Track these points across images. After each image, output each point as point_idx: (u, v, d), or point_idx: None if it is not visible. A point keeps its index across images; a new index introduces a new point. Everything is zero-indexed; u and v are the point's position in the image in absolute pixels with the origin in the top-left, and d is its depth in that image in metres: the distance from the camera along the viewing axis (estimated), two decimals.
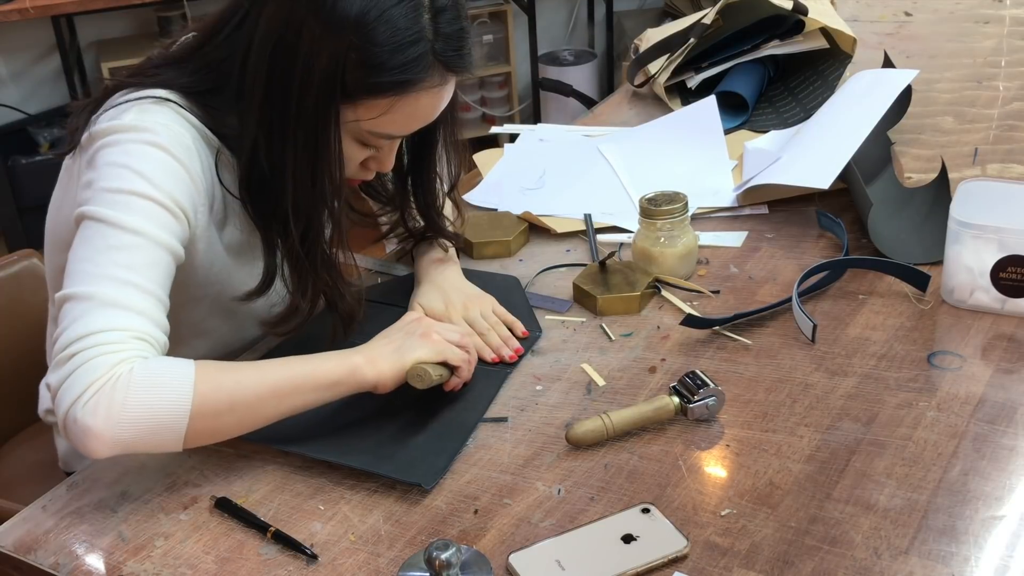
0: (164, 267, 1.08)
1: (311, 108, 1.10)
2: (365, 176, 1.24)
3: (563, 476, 1.07)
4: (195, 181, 1.13)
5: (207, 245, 1.19)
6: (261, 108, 1.12)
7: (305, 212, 1.15)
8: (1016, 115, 1.83)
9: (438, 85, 1.13)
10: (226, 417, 1.04)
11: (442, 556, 0.91)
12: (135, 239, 1.06)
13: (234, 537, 1.03)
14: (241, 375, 1.06)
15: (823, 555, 0.95)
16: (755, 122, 1.86)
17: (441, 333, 1.16)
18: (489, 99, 4.14)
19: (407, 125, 1.17)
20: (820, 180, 1.47)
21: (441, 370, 1.15)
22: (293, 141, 1.12)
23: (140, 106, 1.13)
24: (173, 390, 1.00)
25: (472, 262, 1.50)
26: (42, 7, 3.10)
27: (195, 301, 1.24)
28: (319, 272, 1.20)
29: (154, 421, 1.00)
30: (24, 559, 1.02)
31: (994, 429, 1.09)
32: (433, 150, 1.33)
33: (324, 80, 1.08)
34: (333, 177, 1.14)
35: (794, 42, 1.94)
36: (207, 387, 1.02)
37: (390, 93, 1.10)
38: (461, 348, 1.17)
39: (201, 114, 1.16)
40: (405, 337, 1.15)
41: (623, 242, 1.50)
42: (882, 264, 1.36)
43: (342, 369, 1.10)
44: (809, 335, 1.25)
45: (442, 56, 1.11)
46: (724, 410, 1.14)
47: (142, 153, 1.10)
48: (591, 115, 2.03)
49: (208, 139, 1.17)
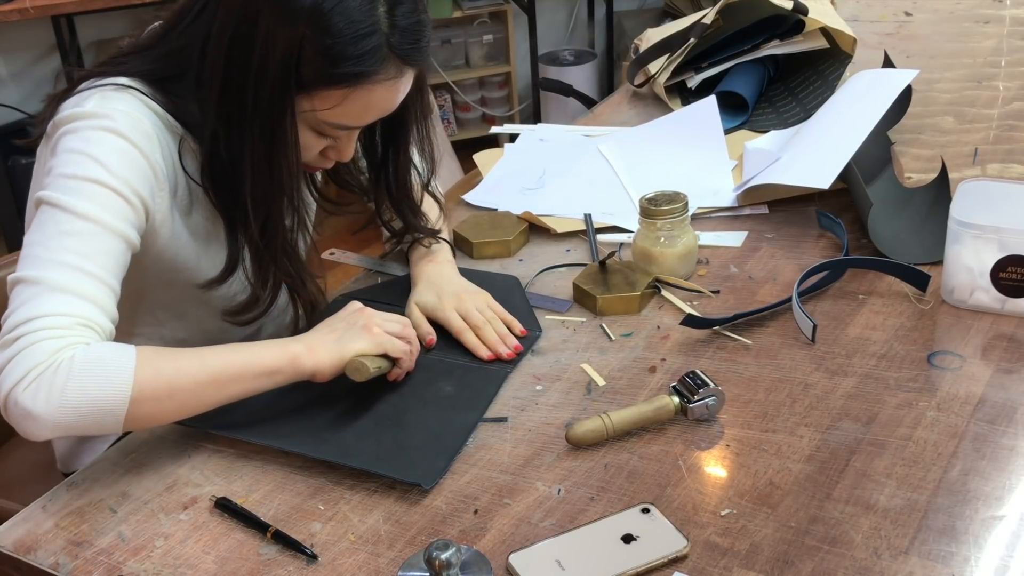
0: (116, 255, 1.10)
1: (267, 99, 1.11)
2: (324, 164, 1.25)
3: (563, 476, 1.07)
4: (154, 167, 1.14)
5: (170, 231, 1.20)
6: (220, 98, 1.13)
7: (264, 202, 1.17)
8: (1016, 115, 1.83)
9: (394, 78, 1.14)
10: (166, 403, 1.06)
11: (442, 556, 0.91)
12: (88, 226, 1.08)
13: (234, 537, 1.03)
14: (182, 362, 1.08)
15: (823, 555, 0.95)
16: (755, 122, 1.86)
17: (382, 325, 1.18)
18: (489, 99, 4.14)
19: (362, 117, 1.17)
20: (820, 180, 1.47)
21: (380, 362, 1.16)
22: (251, 132, 1.13)
23: (102, 93, 1.15)
24: (113, 377, 1.02)
25: (472, 262, 1.50)
26: (42, 7, 3.10)
27: (167, 285, 1.25)
28: (279, 261, 1.21)
29: (94, 407, 1.02)
30: (24, 559, 1.02)
31: (994, 429, 1.09)
32: (404, 144, 1.33)
33: (280, 71, 1.09)
34: (291, 168, 1.15)
35: (794, 42, 1.94)
36: (147, 374, 1.04)
37: (344, 84, 1.11)
38: (402, 339, 1.19)
39: (164, 101, 1.17)
40: (347, 328, 1.17)
41: (623, 242, 1.50)
42: (882, 264, 1.36)
43: (282, 358, 1.12)
44: (809, 335, 1.25)
45: (398, 49, 1.12)
46: (724, 410, 1.14)
47: (100, 140, 1.11)
48: (591, 115, 2.03)
49: (171, 126, 1.18)
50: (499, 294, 1.38)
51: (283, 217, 1.19)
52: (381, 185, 1.36)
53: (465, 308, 1.29)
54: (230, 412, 1.18)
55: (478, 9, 3.88)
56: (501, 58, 4.06)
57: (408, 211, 1.38)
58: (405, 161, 1.34)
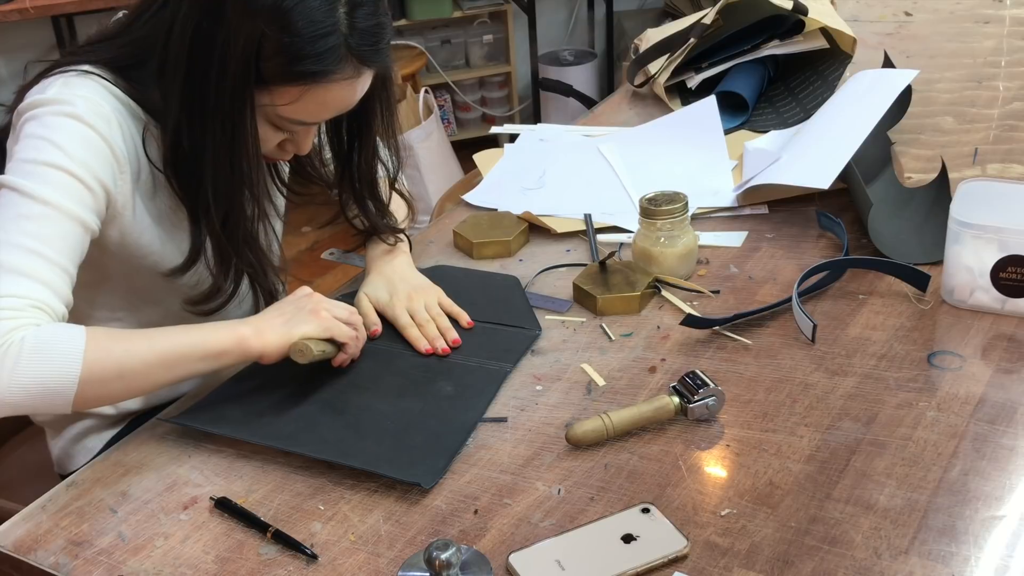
0: (73, 239, 1.11)
1: (228, 93, 1.12)
2: (283, 157, 1.27)
3: (563, 476, 1.07)
4: (114, 151, 1.15)
5: (133, 214, 1.21)
6: (182, 92, 1.14)
7: (226, 194, 1.18)
8: (1016, 115, 1.83)
9: (351, 77, 1.15)
10: (114, 384, 1.08)
11: (442, 556, 0.91)
12: (45, 210, 1.09)
13: (234, 537, 1.03)
14: (131, 343, 1.10)
15: (823, 555, 0.95)
16: (755, 122, 1.86)
17: (330, 310, 1.20)
18: (489, 99, 4.14)
19: (319, 113, 1.19)
20: (820, 180, 1.47)
21: (325, 346, 1.18)
22: (212, 125, 1.14)
23: (64, 79, 1.16)
24: (63, 358, 1.04)
25: (472, 262, 1.50)
26: (42, 7, 3.10)
27: (136, 271, 1.26)
28: (241, 252, 1.23)
29: (43, 387, 1.03)
30: (24, 559, 1.02)
31: (994, 429, 1.09)
32: (369, 139, 1.34)
33: (240, 66, 1.11)
34: (252, 162, 1.17)
35: (794, 42, 1.94)
36: (96, 355, 1.06)
37: (301, 82, 1.13)
38: (349, 325, 1.21)
39: (126, 87, 1.19)
40: (295, 312, 1.18)
41: (623, 242, 1.50)
42: (882, 264, 1.36)
43: (229, 339, 1.14)
44: (809, 335, 1.25)
45: (356, 50, 1.13)
46: (724, 410, 1.14)
47: (59, 125, 1.13)
48: (591, 115, 2.03)
49: (133, 111, 1.19)
50: (499, 294, 1.38)
51: (245, 209, 1.20)
52: (346, 180, 1.37)
53: (414, 307, 1.32)
54: (230, 412, 1.18)
55: (478, 9, 3.89)
56: (501, 58, 4.06)
57: (373, 209, 1.39)
58: (369, 156, 1.36)
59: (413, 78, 3.67)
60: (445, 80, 3.97)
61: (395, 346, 1.29)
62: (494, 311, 1.35)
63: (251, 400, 1.20)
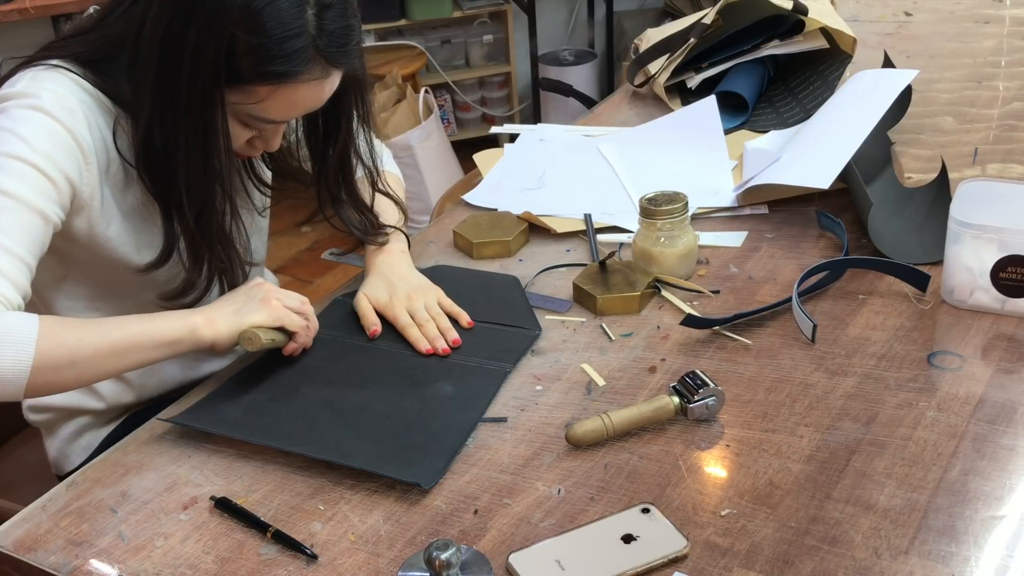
0: (35, 231, 1.12)
1: (199, 91, 1.13)
2: (251, 153, 1.28)
3: (563, 476, 1.07)
4: (80, 143, 1.16)
5: (101, 204, 1.21)
6: (153, 90, 1.15)
7: (199, 193, 1.19)
8: (1016, 115, 1.83)
9: (319, 78, 1.16)
10: (66, 372, 1.09)
11: (442, 556, 0.91)
12: (7, 201, 1.10)
13: (234, 537, 1.03)
14: (83, 332, 1.10)
15: (823, 555, 0.95)
16: (755, 122, 1.86)
17: (280, 299, 1.21)
18: (489, 99, 4.14)
19: (287, 112, 1.20)
20: (820, 180, 1.47)
21: (274, 335, 1.20)
22: (184, 126, 1.15)
23: (33, 73, 1.18)
24: (14, 346, 1.05)
25: (472, 262, 1.50)
26: (42, 7, 3.10)
27: (108, 264, 1.27)
28: (214, 248, 1.24)
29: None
30: (24, 559, 1.02)
31: (994, 429, 1.09)
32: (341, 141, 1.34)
33: (211, 66, 1.11)
34: (223, 159, 1.18)
35: (794, 42, 1.94)
36: (48, 344, 1.07)
37: (270, 82, 1.14)
38: (300, 315, 1.22)
39: (95, 80, 1.20)
40: (246, 301, 1.20)
41: (623, 242, 1.50)
42: (882, 264, 1.36)
43: (182, 328, 1.15)
44: (809, 335, 1.25)
45: (324, 52, 1.14)
46: (724, 410, 1.14)
47: (24, 118, 1.14)
48: (591, 115, 2.03)
49: (103, 104, 1.20)
50: (499, 294, 1.38)
51: (217, 205, 1.21)
52: (322, 179, 1.37)
53: (413, 307, 1.32)
54: (230, 412, 1.18)
55: (478, 9, 3.88)
56: (501, 58, 4.06)
57: (352, 209, 1.39)
58: (344, 156, 1.36)
59: (413, 78, 3.66)
60: (445, 80, 3.96)
61: (395, 346, 1.29)
62: (494, 311, 1.35)
63: (251, 400, 1.20)
